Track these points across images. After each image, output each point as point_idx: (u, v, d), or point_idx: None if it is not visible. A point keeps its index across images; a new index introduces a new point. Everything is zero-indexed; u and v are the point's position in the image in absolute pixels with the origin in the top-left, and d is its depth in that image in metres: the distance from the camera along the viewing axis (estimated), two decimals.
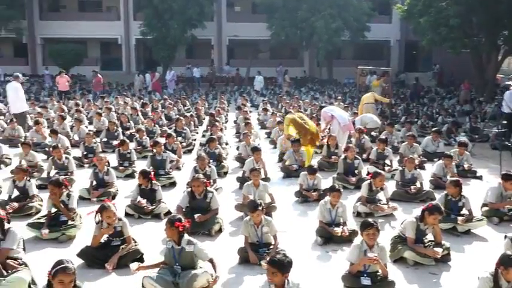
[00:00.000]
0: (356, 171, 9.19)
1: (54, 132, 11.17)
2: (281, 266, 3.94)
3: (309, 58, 36.67)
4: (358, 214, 7.35)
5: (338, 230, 6.25)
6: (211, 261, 4.95)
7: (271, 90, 29.03)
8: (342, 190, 6.57)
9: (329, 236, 6.29)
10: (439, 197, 7.04)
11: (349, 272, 5.01)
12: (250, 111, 19.07)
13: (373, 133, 13.37)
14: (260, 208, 5.64)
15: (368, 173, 9.02)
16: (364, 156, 10.75)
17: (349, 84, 32.00)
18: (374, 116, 14.08)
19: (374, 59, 34.87)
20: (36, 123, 12.61)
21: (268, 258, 4.11)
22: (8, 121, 13.85)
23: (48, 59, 35.04)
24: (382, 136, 11.68)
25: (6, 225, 4.96)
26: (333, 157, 10.40)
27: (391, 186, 8.16)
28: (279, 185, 9.26)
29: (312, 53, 35.07)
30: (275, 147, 11.23)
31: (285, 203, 7.98)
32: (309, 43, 32.69)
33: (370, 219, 5.08)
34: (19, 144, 11.95)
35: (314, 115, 15.87)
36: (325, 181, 8.70)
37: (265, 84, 28.81)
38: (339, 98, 21.94)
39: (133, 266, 4.93)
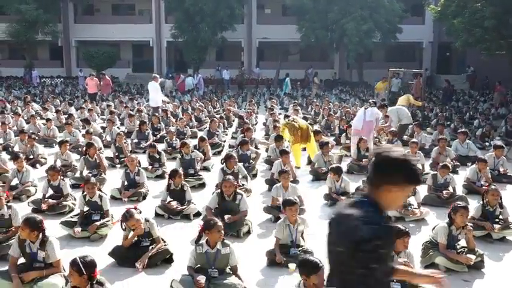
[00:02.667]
0: None
1: (88, 132, 11.44)
2: (312, 267, 3.92)
3: (339, 60, 36.41)
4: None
5: None
6: (236, 268, 4.93)
7: (301, 93, 28.95)
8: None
9: None
10: (475, 206, 6.87)
11: None
12: (280, 114, 19.06)
13: (405, 137, 13.12)
14: (296, 205, 5.64)
15: None
16: None
17: None
18: (408, 112, 13.71)
19: (406, 61, 34.30)
20: (67, 124, 12.90)
21: (298, 261, 4.11)
22: (45, 121, 14.21)
23: (82, 61, 35.87)
24: (414, 139, 11.48)
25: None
26: (363, 160, 10.29)
27: (422, 191, 8.01)
28: (307, 187, 9.22)
29: (342, 55, 34.81)
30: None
31: (314, 206, 7.94)
32: (339, 45, 32.46)
33: (402, 227, 4.96)
34: (54, 144, 12.33)
35: (343, 117, 15.77)
36: (355, 184, 8.60)
37: (294, 87, 28.69)
38: (371, 100, 21.65)
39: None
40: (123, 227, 5.61)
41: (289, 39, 34.08)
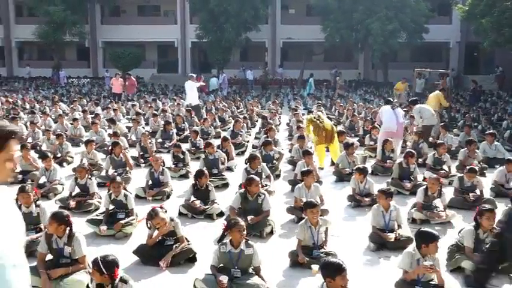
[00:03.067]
0: (411, 176, 8.94)
1: (115, 134, 11.61)
2: (336, 269, 3.89)
3: (364, 60, 36.10)
4: (413, 221, 7.15)
5: (391, 236, 6.11)
6: (259, 269, 4.93)
7: (325, 93, 28.81)
8: (392, 193, 6.45)
9: (382, 242, 6.15)
10: (503, 210, 6.71)
11: (403, 280, 4.88)
12: (303, 114, 19.00)
13: (430, 139, 12.87)
14: (317, 207, 5.62)
15: (424, 179, 8.79)
16: (420, 161, 10.45)
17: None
18: (433, 112, 13.03)
19: (432, 61, 33.80)
20: (93, 123, 13.12)
21: (321, 263, 4.08)
22: (72, 121, 14.48)
23: (109, 61, 36.42)
24: (440, 140, 11.31)
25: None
26: (388, 161, 10.18)
27: (449, 193, 7.88)
28: (331, 188, 9.17)
29: (367, 56, 34.52)
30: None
31: (337, 207, 7.89)
32: (364, 45, 32.18)
33: (434, 232, 4.87)
34: (80, 143, 12.54)
35: (368, 118, 15.62)
36: (380, 186, 8.50)
37: (317, 87, 28.56)
38: (395, 101, 21.42)
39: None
40: (148, 225, 5.67)
41: (313, 40, 33.95)
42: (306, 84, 28.34)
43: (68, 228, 5.01)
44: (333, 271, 3.91)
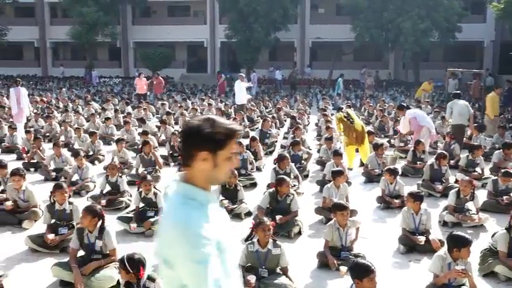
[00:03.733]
0: (443, 178, 8.77)
1: (145, 133, 11.79)
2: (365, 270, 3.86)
3: (394, 60, 35.60)
4: (444, 223, 7.02)
5: (422, 239, 6.00)
6: (286, 269, 4.91)
7: (354, 93, 28.55)
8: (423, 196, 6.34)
9: (412, 245, 6.05)
10: None
11: (433, 284, 4.79)
12: (332, 114, 18.85)
13: (464, 139, 12.57)
14: (347, 209, 5.57)
15: (456, 181, 8.61)
16: (452, 162, 10.24)
17: (436, 88, 30.58)
18: (465, 112, 12.15)
19: (465, 60, 33.02)
20: (126, 123, 13.33)
21: (350, 265, 4.05)
22: (104, 120, 14.75)
23: (139, 61, 36.99)
24: (475, 142, 11.07)
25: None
26: (418, 163, 10.01)
27: (482, 196, 7.70)
28: (360, 189, 9.08)
29: (397, 55, 34.02)
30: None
31: (366, 209, 7.80)
32: (395, 45, 31.70)
33: (467, 236, 4.76)
34: (112, 142, 12.77)
35: (399, 118, 15.38)
36: (410, 188, 8.36)
37: (347, 87, 28.29)
38: (427, 101, 21.09)
39: None
40: None
41: (342, 39, 33.68)
42: (335, 84, 28.12)
43: (100, 221, 5.11)
44: (362, 273, 3.89)
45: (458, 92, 13.35)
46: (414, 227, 6.16)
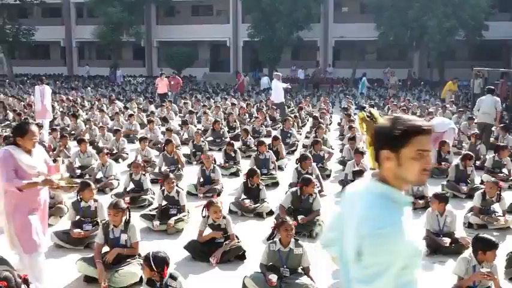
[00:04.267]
0: (468, 179, 8.61)
1: (169, 130, 11.91)
2: None
3: (419, 59, 35.11)
4: (469, 225, 6.89)
5: (447, 241, 5.91)
6: (308, 269, 4.89)
7: (377, 92, 28.27)
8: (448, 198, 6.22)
9: (436, 247, 5.97)
10: None
11: (458, 286, 4.72)
12: (355, 114, 18.72)
13: (491, 139, 12.33)
14: None
15: (482, 182, 8.45)
16: (478, 163, 10.05)
17: (462, 87, 30.06)
18: (491, 110, 11.84)
19: (492, 59, 32.38)
20: (150, 122, 13.47)
21: None
22: (127, 117, 14.93)
23: (163, 61, 37.32)
24: (502, 142, 10.84)
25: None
26: (443, 163, 9.85)
27: (508, 197, 7.54)
28: None
29: (422, 54, 33.56)
30: None
31: None
32: (420, 43, 31.29)
33: (493, 239, 4.67)
34: (135, 140, 12.91)
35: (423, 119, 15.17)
36: (434, 188, 8.24)
37: (363, 86, 27.94)
38: (452, 100, 20.74)
39: None
40: (204, 214, 5.79)
41: (366, 38, 33.38)
42: (358, 83, 27.89)
43: (126, 216, 5.19)
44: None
45: (492, 87, 12.98)
46: (439, 228, 6.07)
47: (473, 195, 7.18)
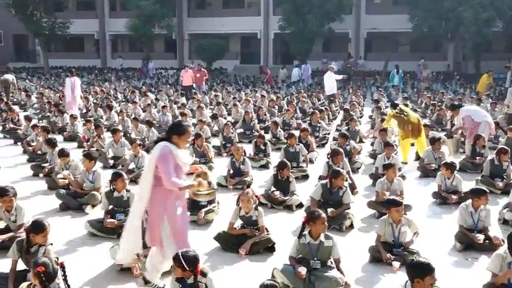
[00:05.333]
0: (504, 174, 8.38)
1: (201, 122, 12.01)
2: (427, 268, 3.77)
3: (454, 51, 34.23)
4: (504, 221, 6.72)
5: (481, 237, 5.78)
6: (338, 261, 4.86)
7: (411, 85, 27.77)
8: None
9: (469, 243, 5.85)
10: None
11: (491, 283, 4.61)
12: (387, 107, 18.45)
13: None
14: (402, 205, 5.44)
15: None
16: None
17: (498, 80, 29.18)
18: None
19: None
20: (182, 114, 13.60)
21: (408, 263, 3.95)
22: (160, 108, 15.12)
23: (194, 53, 37.56)
24: None
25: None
26: (478, 158, 9.62)
27: None
28: (415, 184, 8.85)
29: (457, 46, 32.68)
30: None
31: (421, 204, 7.60)
32: (455, 35, 30.48)
33: None
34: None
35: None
36: (467, 183, 8.07)
37: (400, 79, 27.41)
38: (488, 93, 20.21)
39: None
40: (238, 203, 5.88)
41: (399, 30, 32.77)
42: (389, 75, 27.38)
43: None
44: (423, 271, 3.77)
45: None
46: (473, 224, 5.94)
47: (509, 191, 7.00)
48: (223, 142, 11.33)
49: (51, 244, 4.74)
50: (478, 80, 24.12)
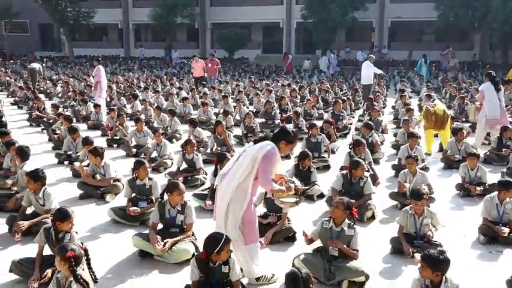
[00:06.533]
0: None
1: (225, 114, 12.08)
2: (433, 262, 3.72)
3: (481, 41, 33.51)
4: None
5: (506, 230, 5.68)
6: (356, 251, 4.84)
7: (434, 75, 27.29)
8: None
9: (493, 235, 5.75)
10: None
11: None
12: (411, 97, 18.21)
13: None
14: (425, 197, 5.38)
15: None
16: None
17: None
18: None
19: None
20: (203, 104, 13.66)
21: (422, 253, 3.91)
22: (182, 99, 15.21)
23: (216, 42, 37.57)
24: None
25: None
26: (504, 149, 9.43)
27: None
28: (438, 176, 8.74)
29: (484, 35, 31.99)
30: (436, 136, 10.60)
31: (444, 196, 7.50)
32: (482, 24, 29.81)
33: None
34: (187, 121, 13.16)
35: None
36: (492, 176, 7.92)
37: (428, 69, 26.98)
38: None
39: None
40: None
41: (424, 18, 32.21)
42: (415, 65, 26.97)
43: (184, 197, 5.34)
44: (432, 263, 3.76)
45: None
46: (498, 216, 5.84)
47: None
48: (245, 132, 11.34)
49: (76, 232, 4.85)
50: (506, 72, 23.55)
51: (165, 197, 5.35)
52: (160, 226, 5.43)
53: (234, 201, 4.40)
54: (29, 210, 6.04)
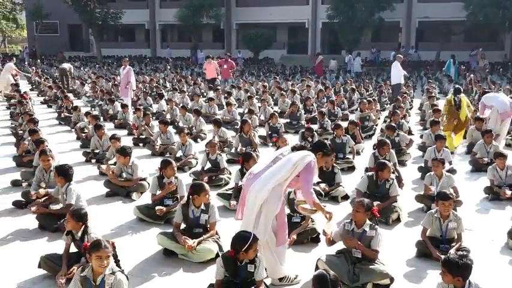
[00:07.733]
0: None
1: (250, 113, 12.13)
2: (453, 267, 3.65)
3: (511, 41, 32.73)
4: None
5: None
6: (376, 252, 4.78)
7: (463, 76, 26.78)
8: None
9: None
10: None
11: None
12: (438, 98, 17.91)
13: None
14: (452, 199, 5.29)
15: None
16: None
17: None
18: None
19: None
20: (228, 104, 13.71)
21: (442, 258, 3.84)
22: (207, 99, 15.31)
23: (241, 43, 37.66)
24: None
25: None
26: None
27: None
28: (465, 178, 8.57)
29: None
30: (464, 138, 10.41)
31: (472, 199, 7.35)
32: None
33: None
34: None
35: None
36: None
37: (456, 70, 26.51)
38: None
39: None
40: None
41: (452, 18, 31.62)
42: (443, 66, 26.52)
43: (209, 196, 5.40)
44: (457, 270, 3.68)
45: None
46: None
47: None
48: (269, 132, 11.34)
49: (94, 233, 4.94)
50: None
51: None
52: (183, 226, 5.47)
53: (268, 203, 4.39)
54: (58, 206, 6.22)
